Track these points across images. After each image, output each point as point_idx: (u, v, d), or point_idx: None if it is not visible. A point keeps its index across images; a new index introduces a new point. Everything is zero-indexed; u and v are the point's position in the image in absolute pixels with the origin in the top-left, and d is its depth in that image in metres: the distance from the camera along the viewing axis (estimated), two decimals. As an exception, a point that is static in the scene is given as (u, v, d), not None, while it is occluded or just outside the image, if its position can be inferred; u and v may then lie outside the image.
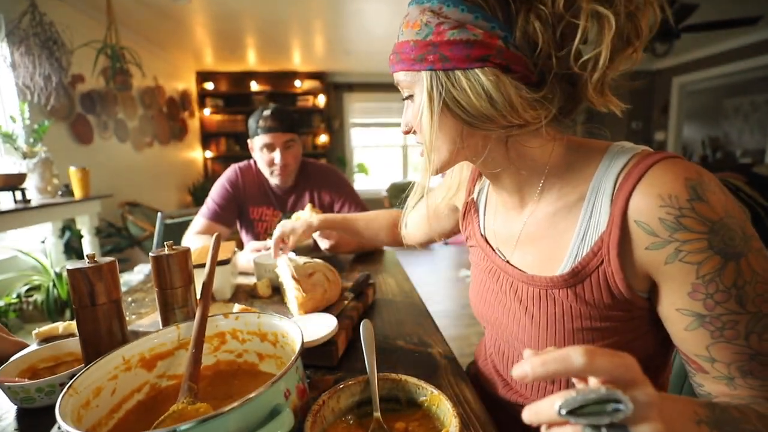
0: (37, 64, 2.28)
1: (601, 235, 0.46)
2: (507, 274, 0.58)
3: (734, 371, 0.39)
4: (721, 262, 0.38)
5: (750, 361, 0.39)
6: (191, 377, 0.43)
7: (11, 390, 0.51)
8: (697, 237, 0.39)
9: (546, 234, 0.53)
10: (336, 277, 0.81)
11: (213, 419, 0.31)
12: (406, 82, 0.51)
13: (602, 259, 0.46)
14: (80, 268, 0.49)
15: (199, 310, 0.51)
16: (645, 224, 0.42)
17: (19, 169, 2.19)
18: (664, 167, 0.42)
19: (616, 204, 0.44)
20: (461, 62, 0.44)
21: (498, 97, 0.44)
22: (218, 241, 0.61)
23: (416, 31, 0.47)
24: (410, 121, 0.54)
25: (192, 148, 5.15)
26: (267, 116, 1.35)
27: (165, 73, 4.34)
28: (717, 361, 0.40)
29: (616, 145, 0.49)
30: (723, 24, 3.03)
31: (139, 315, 0.84)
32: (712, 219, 0.39)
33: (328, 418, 0.44)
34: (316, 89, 5.41)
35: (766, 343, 0.38)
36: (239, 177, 1.47)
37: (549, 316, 0.51)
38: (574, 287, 0.48)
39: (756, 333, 0.38)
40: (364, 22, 3.56)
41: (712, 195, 0.39)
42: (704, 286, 0.39)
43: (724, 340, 0.39)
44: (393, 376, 0.49)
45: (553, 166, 0.52)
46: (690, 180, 0.40)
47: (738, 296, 0.38)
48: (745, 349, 0.38)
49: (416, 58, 0.47)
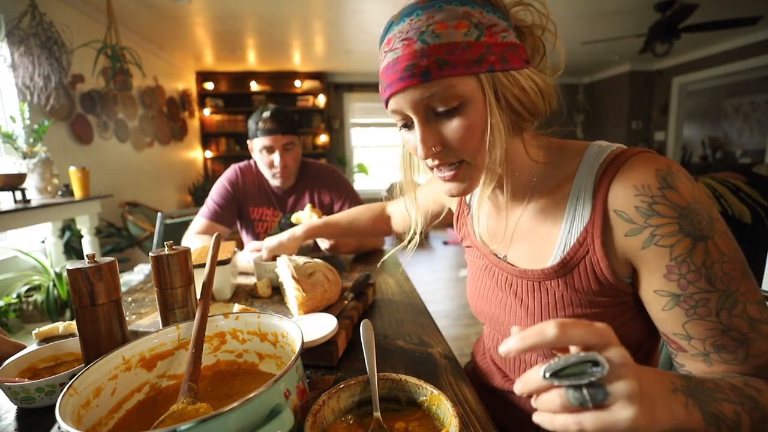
0: (37, 64, 2.28)
1: (585, 226, 0.49)
2: (502, 271, 0.61)
3: (709, 347, 0.42)
4: (691, 244, 0.42)
5: (722, 336, 0.41)
6: (191, 377, 0.43)
7: (11, 390, 0.51)
8: (668, 222, 0.42)
9: (536, 230, 0.56)
10: (336, 277, 0.81)
11: (213, 419, 0.31)
12: (453, 89, 0.46)
13: (588, 248, 0.49)
14: (80, 268, 0.49)
15: (199, 310, 0.51)
16: (623, 213, 0.45)
17: (19, 169, 2.19)
18: (637, 160, 0.46)
19: (597, 197, 0.48)
20: (517, 63, 0.48)
21: (546, 90, 0.50)
22: (218, 241, 0.61)
23: (464, 32, 0.45)
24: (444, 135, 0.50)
25: (192, 148, 5.15)
26: (266, 118, 1.34)
27: (165, 73, 4.34)
28: (693, 338, 0.43)
29: (593, 144, 0.53)
30: (723, 24, 3.03)
31: (139, 315, 0.84)
32: (680, 205, 0.43)
33: (328, 418, 0.44)
34: (316, 89, 5.41)
35: (735, 318, 0.41)
36: (239, 177, 1.47)
37: (543, 307, 0.55)
38: (564, 277, 0.52)
39: (726, 309, 0.41)
40: (364, 22, 3.56)
41: (680, 183, 0.44)
42: (677, 267, 0.42)
43: (698, 317, 0.42)
44: (393, 376, 0.49)
45: (540, 166, 0.56)
46: (660, 171, 0.44)
47: (707, 275, 0.41)
48: (717, 325, 0.41)
49: (476, 59, 0.45)
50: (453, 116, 0.49)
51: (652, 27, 3.23)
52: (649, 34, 3.28)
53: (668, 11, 3.14)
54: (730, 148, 6.61)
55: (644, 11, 3.34)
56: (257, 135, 1.35)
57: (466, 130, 0.48)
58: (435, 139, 0.50)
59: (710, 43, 4.39)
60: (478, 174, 0.53)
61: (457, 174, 0.52)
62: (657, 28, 3.18)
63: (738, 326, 0.41)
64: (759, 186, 2.20)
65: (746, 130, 6.39)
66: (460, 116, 0.48)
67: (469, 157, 0.51)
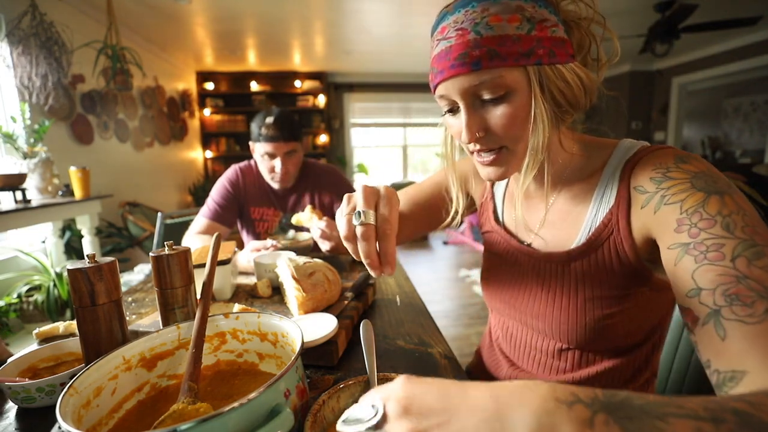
0: (36, 64, 2.28)
1: (610, 208, 0.52)
2: (526, 255, 0.63)
3: (719, 299, 0.34)
4: (704, 197, 0.40)
5: (737, 284, 0.34)
6: (191, 377, 0.44)
7: (12, 390, 0.51)
8: (679, 182, 0.43)
9: (565, 217, 0.59)
10: (336, 277, 0.81)
11: (213, 419, 0.32)
12: (501, 80, 0.49)
13: (612, 229, 0.52)
14: (81, 268, 0.49)
15: (199, 310, 0.51)
16: (640, 186, 0.48)
17: (20, 169, 2.19)
18: (661, 150, 0.49)
19: (622, 180, 0.51)
20: (563, 57, 0.50)
21: (588, 85, 0.52)
22: (218, 241, 0.61)
23: (516, 25, 0.47)
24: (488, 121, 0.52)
25: (192, 148, 5.15)
26: (269, 124, 1.33)
27: (165, 74, 4.34)
28: (703, 289, 0.36)
29: (625, 140, 0.56)
30: (723, 24, 3.03)
31: (140, 315, 0.84)
32: (693, 171, 0.44)
33: (328, 418, 0.44)
34: (316, 89, 5.41)
35: (757, 270, 0.34)
36: (240, 177, 1.47)
37: (565, 289, 0.57)
38: (588, 257, 0.55)
39: (745, 257, 0.35)
40: (364, 22, 3.56)
41: (696, 161, 0.46)
42: (688, 218, 0.40)
43: (708, 262, 0.36)
44: (393, 375, 0.49)
45: (574, 158, 0.58)
46: (678, 155, 0.47)
47: (725, 223, 0.37)
48: (731, 270, 0.35)
49: (525, 52, 0.47)
50: (498, 104, 0.51)
51: (651, 27, 3.23)
52: (649, 34, 3.28)
53: (668, 11, 3.14)
54: (729, 148, 6.61)
55: (644, 11, 3.34)
56: (259, 139, 1.35)
57: (510, 118, 0.51)
58: (479, 125, 0.52)
59: (710, 43, 4.39)
60: (516, 161, 0.55)
61: (496, 159, 0.55)
62: (657, 28, 3.18)
63: (759, 277, 0.33)
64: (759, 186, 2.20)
65: (746, 130, 6.39)
66: (506, 104, 0.50)
67: (510, 144, 0.53)
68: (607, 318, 0.55)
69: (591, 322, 0.55)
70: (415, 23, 3.55)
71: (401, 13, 3.36)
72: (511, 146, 0.54)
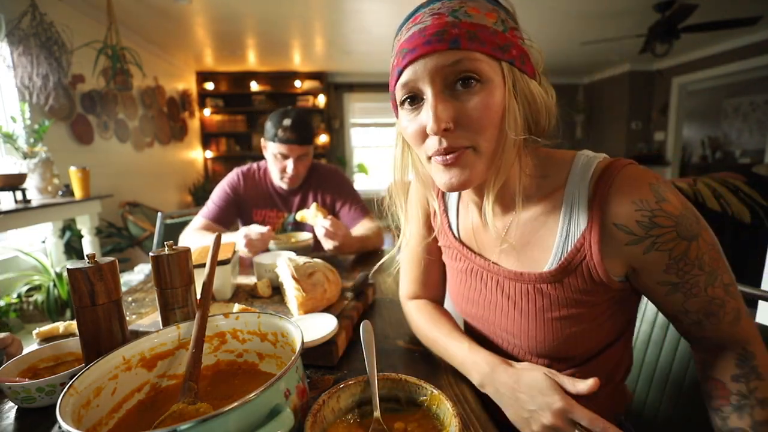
0: (37, 64, 2.28)
1: (582, 233, 0.52)
2: (493, 273, 0.61)
3: (702, 316, 0.51)
4: (686, 246, 0.48)
5: (710, 305, 0.50)
6: (191, 377, 0.44)
7: (12, 390, 0.51)
8: (668, 231, 0.48)
9: (529, 236, 0.57)
10: (336, 277, 0.81)
11: (213, 419, 0.32)
12: (478, 63, 0.45)
13: (585, 254, 0.52)
14: (81, 268, 0.49)
15: (199, 310, 0.51)
16: (624, 226, 0.49)
17: (20, 169, 2.19)
18: (628, 174, 0.50)
19: (593, 208, 0.51)
20: (530, 70, 0.50)
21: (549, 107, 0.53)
22: (218, 241, 0.61)
23: (493, 21, 0.47)
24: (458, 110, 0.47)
25: (192, 148, 5.15)
26: (287, 126, 1.33)
27: (165, 74, 4.34)
28: (690, 311, 0.52)
29: (580, 154, 0.55)
30: (723, 24, 3.03)
31: (140, 315, 0.84)
32: (675, 214, 0.48)
33: (328, 418, 0.44)
34: (316, 89, 5.41)
35: (716, 289, 0.50)
36: (241, 182, 1.48)
37: (537, 308, 0.57)
38: (561, 281, 0.54)
39: (710, 285, 0.50)
40: (364, 22, 3.56)
41: (670, 194, 0.49)
42: (676, 264, 0.49)
43: (692, 296, 0.50)
44: (393, 375, 0.49)
45: (530, 175, 0.57)
46: (653, 185, 0.48)
47: (699, 264, 0.49)
48: (706, 297, 0.50)
49: (501, 45, 0.47)
50: (472, 93, 0.47)
51: (651, 27, 3.23)
52: (649, 34, 3.28)
53: (668, 11, 3.14)
54: (729, 148, 6.61)
55: (644, 11, 3.34)
56: (274, 140, 1.35)
57: (485, 109, 0.46)
58: (449, 115, 0.47)
59: (710, 43, 4.39)
60: (481, 166, 0.50)
61: (461, 159, 0.49)
62: (657, 28, 3.18)
63: (718, 294, 0.50)
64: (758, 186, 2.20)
65: (746, 130, 6.39)
66: (481, 94, 0.46)
67: (478, 143, 0.48)
68: (578, 333, 0.55)
69: (563, 337, 0.56)
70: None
71: (401, 13, 3.36)
72: (478, 146, 0.48)
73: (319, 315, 0.71)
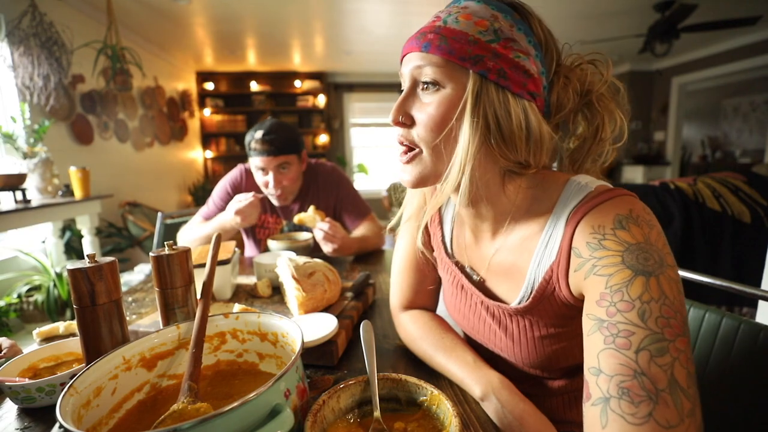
0: (37, 64, 2.28)
1: (551, 264, 0.49)
2: (477, 294, 0.61)
3: (613, 389, 0.36)
4: (631, 275, 0.39)
5: (632, 379, 0.35)
6: (191, 377, 0.44)
7: (12, 390, 0.51)
8: (612, 254, 0.41)
9: (512, 264, 0.56)
10: (336, 277, 0.81)
11: (213, 419, 0.32)
12: (439, 70, 0.47)
13: (554, 286, 0.50)
14: (81, 268, 0.49)
15: (199, 310, 0.51)
16: (576, 248, 0.46)
17: (20, 170, 2.19)
18: (606, 205, 0.45)
19: (564, 236, 0.48)
20: (516, 86, 0.46)
21: (535, 134, 0.48)
22: (218, 241, 0.61)
23: (480, 30, 0.46)
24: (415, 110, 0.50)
25: (192, 148, 5.15)
26: (259, 138, 1.27)
27: (165, 74, 4.34)
28: (602, 373, 0.37)
29: (573, 180, 0.51)
30: (722, 24, 3.03)
31: (140, 315, 0.84)
32: (629, 242, 0.41)
33: (329, 418, 0.44)
34: (316, 89, 5.41)
35: (656, 368, 0.35)
36: (243, 180, 1.45)
37: (520, 329, 0.57)
38: (533, 311, 0.53)
39: (648, 351, 0.35)
40: (364, 22, 3.56)
41: (635, 226, 0.42)
42: (610, 295, 0.40)
43: (615, 347, 0.37)
44: (393, 375, 0.49)
45: (521, 200, 0.54)
46: (619, 215, 0.44)
47: (641, 310, 0.37)
48: (632, 363, 0.36)
49: (473, 55, 0.45)
50: (427, 94, 0.50)
51: (651, 27, 3.23)
52: (649, 34, 3.28)
53: (667, 11, 3.14)
54: (729, 148, 6.62)
55: (643, 11, 3.34)
56: (251, 154, 1.32)
57: (429, 113, 0.49)
58: (404, 109, 0.51)
59: (710, 43, 4.39)
60: (430, 170, 0.51)
61: (411, 158, 0.52)
62: (656, 28, 3.18)
63: (655, 377, 0.34)
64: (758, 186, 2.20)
65: (745, 130, 6.39)
66: (433, 97, 0.49)
67: (423, 146, 0.50)
68: (565, 348, 0.55)
69: (549, 353, 0.56)
70: (415, 23, 3.55)
71: (401, 13, 3.36)
72: (425, 149, 0.50)
73: (319, 315, 0.71)
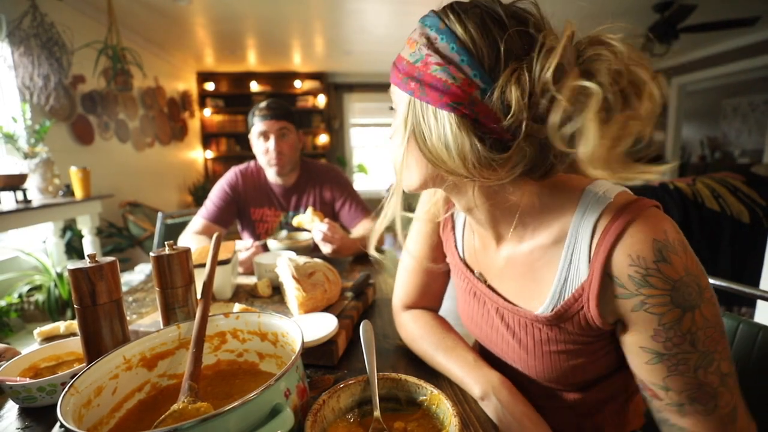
0: (37, 65, 2.28)
1: (582, 283, 0.49)
2: (491, 300, 0.61)
3: (684, 398, 0.45)
4: (680, 314, 0.44)
5: (698, 390, 0.45)
6: (192, 376, 0.44)
7: (13, 389, 0.51)
8: (660, 293, 0.44)
9: (525, 272, 0.55)
10: (336, 277, 0.82)
11: (213, 418, 0.32)
12: (394, 96, 0.52)
13: (582, 305, 0.50)
14: (81, 268, 0.49)
15: (199, 310, 0.52)
16: (617, 278, 0.46)
17: (20, 170, 2.19)
18: (637, 228, 0.44)
19: (596, 260, 0.47)
20: (434, 101, 0.44)
21: (453, 147, 0.44)
22: (218, 241, 0.62)
23: (411, 52, 0.47)
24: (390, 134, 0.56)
25: (192, 149, 5.15)
26: (262, 107, 1.41)
27: (165, 74, 4.34)
28: (671, 390, 0.46)
29: (590, 189, 0.50)
30: (722, 24, 3.03)
31: (140, 314, 0.84)
32: (673, 278, 0.43)
33: (329, 418, 0.45)
34: (316, 89, 5.41)
35: (710, 375, 0.44)
36: (239, 179, 1.48)
37: (535, 341, 0.56)
38: (557, 325, 0.53)
39: (702, 368, 0.44)
40: (364, 22, 3.56)
41: (675, 256, 0.44)
42: (665, 332, 0.44)
43: (678, 373, 0.45)
44: (393, 375, 0.49)
45: (527, 207, 0.53)
46: (657, 242, 0.44)
47: (691, 339, 0.44)
48: (694, 380, 0.45)
49: (403, 79, 0.47)
50: (394, 119, 0.54)
51: (650, 27, 3.23)
52: (648, 34, 3.29)
53: (667, 12, 3.14)
54: (728, 149, 6.61)
55: (643, 12, 3.34)
56: (253, 122, 1.41)
57: (393, 134, 0.54)
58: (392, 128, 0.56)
59: (709, 43, 4.39)
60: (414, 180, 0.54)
61: None
62: (656, 28, 3.18)
63: (711, 382, 0.44)
64: (757, 186, 2.20)
65: (745, 131, 6.39)
66: (394, 121, 0.53)
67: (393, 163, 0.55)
68: (579, 365, 0.55)
69: (563, 368, 0.55)
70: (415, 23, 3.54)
71: (401, 13, 3.36)
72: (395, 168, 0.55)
73: (319, 315, 0.71)
